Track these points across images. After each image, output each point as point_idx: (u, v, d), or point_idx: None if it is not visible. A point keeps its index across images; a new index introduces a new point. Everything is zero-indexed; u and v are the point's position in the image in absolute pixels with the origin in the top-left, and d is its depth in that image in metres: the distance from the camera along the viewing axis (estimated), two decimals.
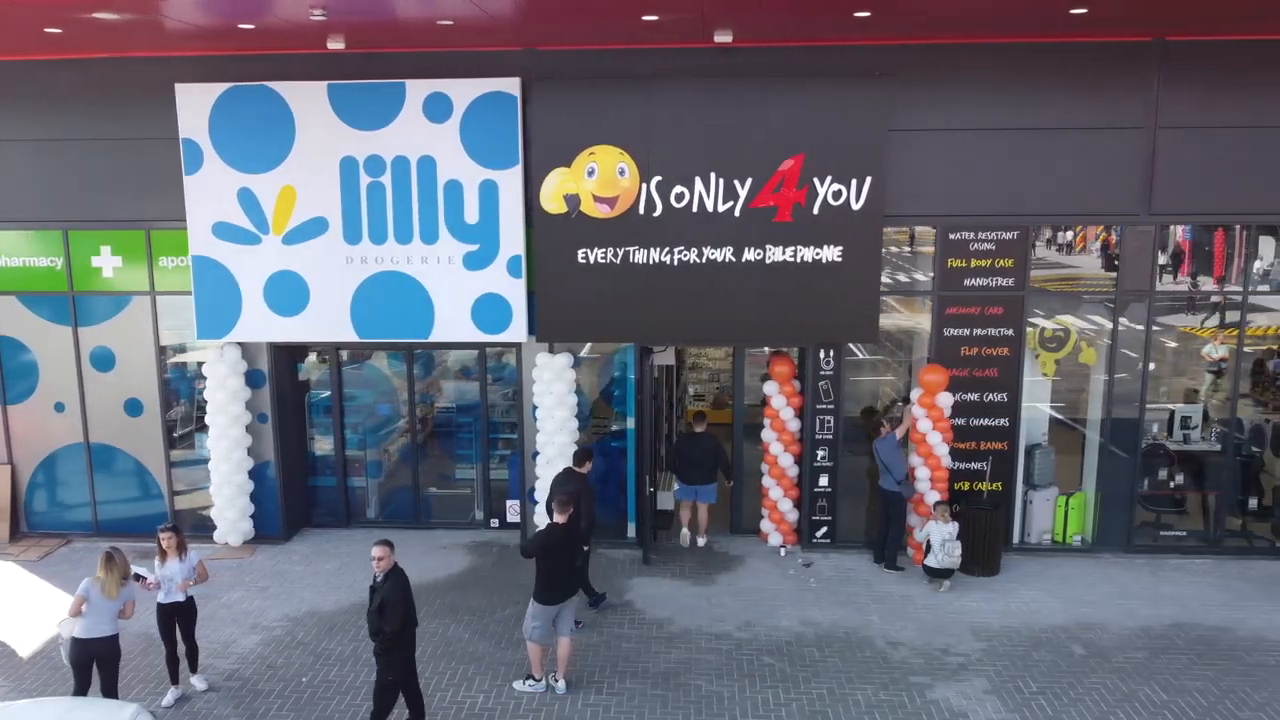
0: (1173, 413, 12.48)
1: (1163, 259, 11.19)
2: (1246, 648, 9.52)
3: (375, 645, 7.72)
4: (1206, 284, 11.24)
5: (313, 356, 12.49)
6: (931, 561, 10.71)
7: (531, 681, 8.84)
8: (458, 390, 12.77)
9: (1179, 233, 11.23)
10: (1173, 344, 11.80)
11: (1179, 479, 11.95)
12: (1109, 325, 11.32)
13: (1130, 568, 11.39)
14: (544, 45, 10.99)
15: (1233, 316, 11.41)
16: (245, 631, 9.96)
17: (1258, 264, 11.17)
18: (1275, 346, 11.84)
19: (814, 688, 8.87)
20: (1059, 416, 11.96)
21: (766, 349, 12.49)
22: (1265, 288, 11.24)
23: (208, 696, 8.79)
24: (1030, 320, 11.32)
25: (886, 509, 11.29)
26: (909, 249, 11.59)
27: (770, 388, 11.77)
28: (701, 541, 11.92)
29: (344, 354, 12.41)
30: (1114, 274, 11.20)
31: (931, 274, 11.29)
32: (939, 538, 10.64)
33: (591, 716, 8.46)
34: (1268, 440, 12.24)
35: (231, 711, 8.57)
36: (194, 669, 8.89)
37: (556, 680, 8.82)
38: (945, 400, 11.14)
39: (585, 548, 9.91)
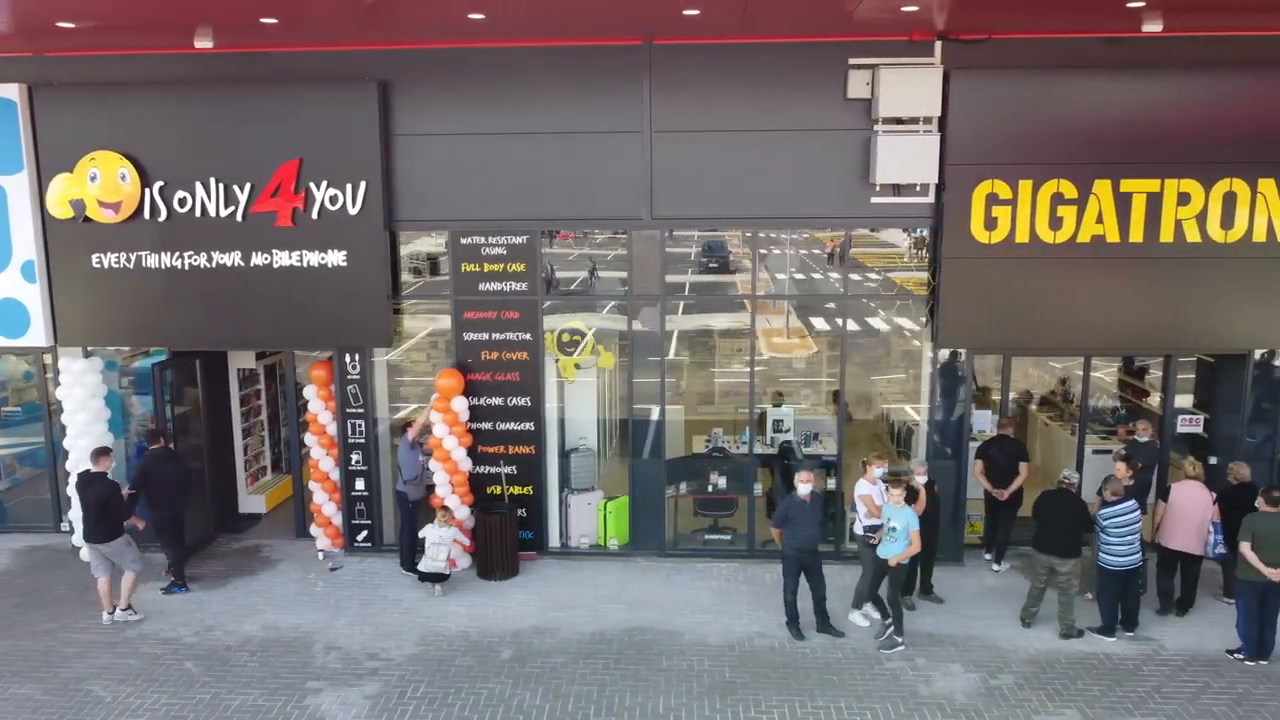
0: (764, 414, 12.58)
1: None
2: (674, 652, 9.53)
3: None
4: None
5: None
6: (421, 565, 10.74)
7: (106, 616, 10.19)
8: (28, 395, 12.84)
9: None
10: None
11: (721, 483, 11.97)
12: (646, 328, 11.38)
13: (654, 571, 11.41)
14: (52, 51, 11.02)
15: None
16: None
17: None
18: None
19: (202, 693, 8.87)
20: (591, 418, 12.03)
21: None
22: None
23: None
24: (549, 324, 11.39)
25: (400, 511, 11.32)
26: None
27: (309, 392, 11.79)
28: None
29: None
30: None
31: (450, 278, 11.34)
32: (431, 540, 10.67)
33: None
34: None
35: None
36: None
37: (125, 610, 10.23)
38: (460, 404, 11.16)
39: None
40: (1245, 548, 8.89)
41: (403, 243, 11.50)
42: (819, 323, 16.86)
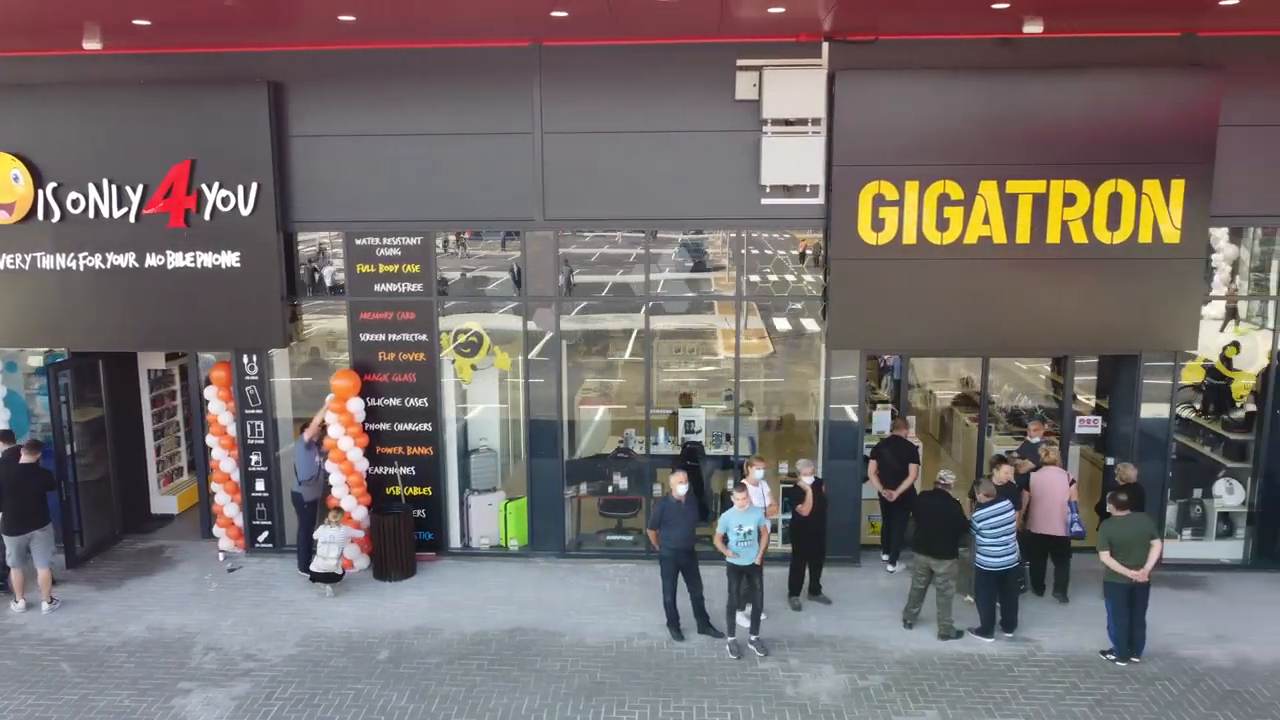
0: (675, 414, 12.59)
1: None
2: (551, 653, 9.53)
3: None
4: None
5: None
6: (313, 565, 10.76)
7: (16, 605, 10.45)
8: None
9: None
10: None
11: (623, 484, 11.99)
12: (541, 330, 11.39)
13: (551, 571, 11.42)
14: None
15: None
16: None
17: None
18: None
19: (71, 694, 8.87)
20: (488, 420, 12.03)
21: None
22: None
23: None
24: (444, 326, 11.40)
25: (297, 512, 11.33)
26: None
27: (210, 393, 11.81)
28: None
29: None
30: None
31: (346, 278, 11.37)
32: (322, 540, 10.69)
33: None
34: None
35: None
36: None
37: (44, 601, 10.46)
38: (355, 405, 11.18)
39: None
40: (1105, 555, 8.91)
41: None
42: (781, 323, 16.83)
